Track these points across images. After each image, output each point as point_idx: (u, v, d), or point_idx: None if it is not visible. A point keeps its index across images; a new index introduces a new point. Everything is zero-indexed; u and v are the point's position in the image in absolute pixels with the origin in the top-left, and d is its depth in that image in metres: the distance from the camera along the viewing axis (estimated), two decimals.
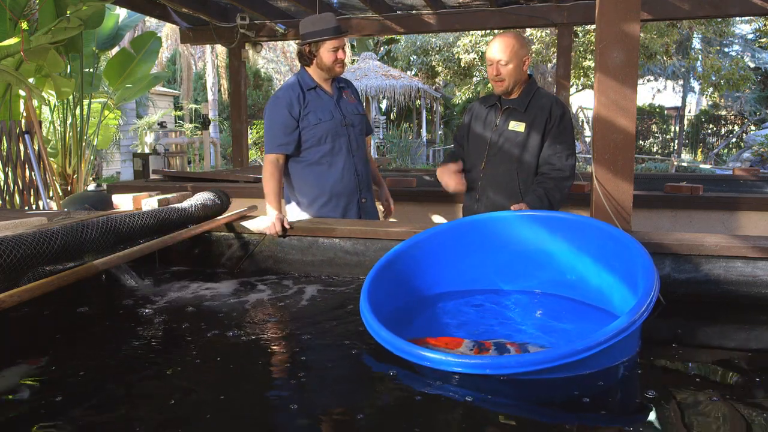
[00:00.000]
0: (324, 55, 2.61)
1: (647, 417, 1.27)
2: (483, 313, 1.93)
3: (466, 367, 1.40)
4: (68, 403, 1.34)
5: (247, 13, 5.93)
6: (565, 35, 5.78)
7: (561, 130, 2.48)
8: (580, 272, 1.97)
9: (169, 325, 1.84)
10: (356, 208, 2.75)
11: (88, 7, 4.83)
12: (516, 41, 2.43)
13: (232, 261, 2.55)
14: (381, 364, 1.53)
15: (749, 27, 19.10)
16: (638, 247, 1.72)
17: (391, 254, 1.99)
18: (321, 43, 2.60)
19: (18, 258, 1.69)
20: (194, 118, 17.19)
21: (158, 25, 16.60)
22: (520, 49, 2.43)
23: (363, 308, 1.67)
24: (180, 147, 9.26)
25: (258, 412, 1.33)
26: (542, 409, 1.38)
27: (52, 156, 6.54)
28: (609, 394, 1.45)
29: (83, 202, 3.56)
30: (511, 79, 2.46)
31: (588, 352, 1.35)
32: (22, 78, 4.80)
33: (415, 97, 16.32)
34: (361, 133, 2.80)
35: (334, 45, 2.60)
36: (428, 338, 1.71)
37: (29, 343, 1.73)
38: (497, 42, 2.45)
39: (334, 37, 2.59)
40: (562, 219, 2.01)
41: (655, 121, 20.41)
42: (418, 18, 5.84)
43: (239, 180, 4.59)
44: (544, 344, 1.67)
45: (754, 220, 3.68)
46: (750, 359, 1.59)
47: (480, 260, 2.10)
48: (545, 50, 13.14)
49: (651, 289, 1.49)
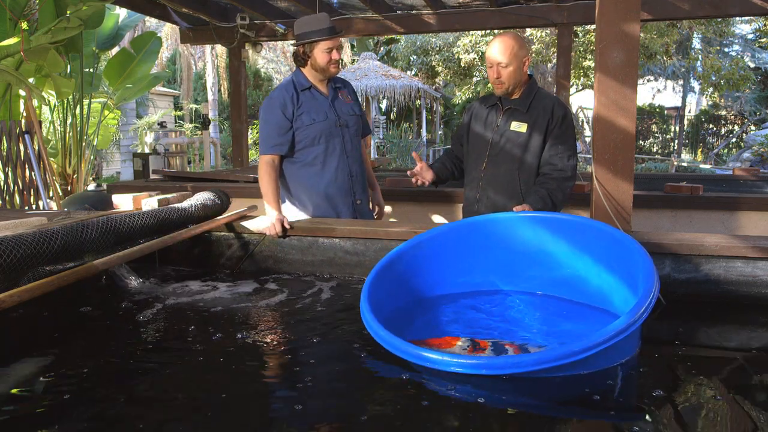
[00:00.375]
0: (318, 56, 2.61)
1: (648, 417, 1.27)
2: (484, 314, 1.93)
3: (464, 368, 1.40)
4: (68, 403, 1.34)
5: (247, 13, 5.93)
6: (565, 35, 5.78)
7: (563, 131, 2.48)
8: (580, 273, 1.97)
9: (169, 325, 1.84)
10: (350, 210, 2.75)
11: (88, 7, 4.83)
12: (515, 42, 2.43)
13: (232, 261, 2.55)
14: (382, 364, 1.53)
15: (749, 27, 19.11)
16: (638, 248, 1.72)
17: (392, 255, 1.99)
18: (315, 43, 2.59)
19: (18, 258, 1.69)
20: (194, 118, 17.18)
21: (158, 25, 16.60)
22: (519, 50, 2.43)
23: (363, 308, 1.67)
24: (180, 147, 9.26)
25: (258, 411, 1.33)
26: (543, 409, 1.38)
27: (52, 156, 6.54)
28: (609, 394, 1.45)
29: (83, 202, 3.56)
30: (511, 81, 2.46)
31: (587, 352, 1.35)
32: (22, 78, 4.80)
33: (415, 97, 16.30)
34: (357, 134, 2.78)
35: (327, 46, 2.59)
36: (428, 339, 1.72)
37: (29, 344, 1.73)
38: (497, 44, 2.44)
39: (328, 38, 2.58)
40: (563, 220, 2.01)
41: (655, 121, 20.40)
42: (418, 18, 5.84)
43: (239, 180, 4.60)
44: (543, 345, 1.67)
45: (754, 220, 3.68)
46: (750, 359, 1.59)
47: (481, 261, 2.10)
48: (545, 50, 13.14)
49: (651, 290, 1.49)
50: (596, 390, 1.44)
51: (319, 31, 2.58)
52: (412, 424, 1.25)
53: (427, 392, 1.39)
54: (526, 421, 1.31)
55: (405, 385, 1.43)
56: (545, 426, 1.30)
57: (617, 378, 1.51)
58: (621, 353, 1.51)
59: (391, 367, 1.49)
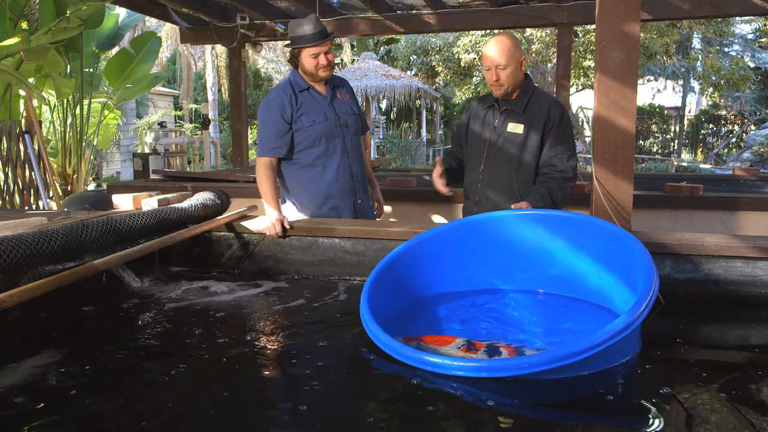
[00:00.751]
0: (305, 61, 2.60)
1: (648, 416, 1.27)
2: (483, 314, 1.93)
3: (464, 371, 1.40)
4: (68, 402, 1.34)
5: (247, 13, 5.93)
6: (565, 35, 5.78)
7: (560, 132, 2.48)
8: (580, 271, 1.97)
9: (169, 326, 1.84)
10: (351, 209, 2.74)
11: (88, 6, 4.83)
12: (512, 43, 2.42)
13: (232, 261, 2.55)
14: (384, 365, 1.53)
15: (749, 27, 19.10)
16: (638, 246, 1.72)
17: (392, 255, 1.99)
18: (301, 49, 2.58)
19: (18, 258, 1.69)
20: (194, 117, 17.19)
21: (158, 24, 16.59)
22: (516, 51, 2.42)
23: (363, 311, 1.68)
24: (180, 147, 9.26)
25: (259, 411, 1.33)
26: (543, 410, 1.38)
27: (52, 156, 6.54)
28: (609, 394, 1.45)
29: (83, 202, 3.56)
30: (510, 82, 2.45)
31: (586, 353, 1.35)
32: (22, 78, 4.80)
33: (415, 97, 16.31)
34: (356, 134, 2.78)
35: (313, 52, 2.57)
36: (423, 337, 1.72)
37: (29, 343, 1.73)
38: (493, 45, 2.43)
39: (312, 45, 2.56)
40: (563, 217, 2.01)
41: (655, 121, 20.40)
42: (418, 18, 5.84)
43: (239, 180, 4.60)
44: (541, 346, 1.67)
45: (754, 220, 3.68)
46: (750, 359, 1.59)
47: (480, 260, 2.10)
48: (545, 50, 13.14)
49: (650, 289, 1.49)
50: (598, 390, 1.44)
51: (301, 38, 2.56)
52: (413, 425, 1.25)
53: (430, 393, 1.39)
54: (528, 421, 1.31)
55: (407, 386, 1.42)
56: (547, 427, 1.30)
57: (618, 378, 1.51)
58: (621, 353, 1.51)
59: (393, 367, 1.49)
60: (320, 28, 2.57)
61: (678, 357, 1.62)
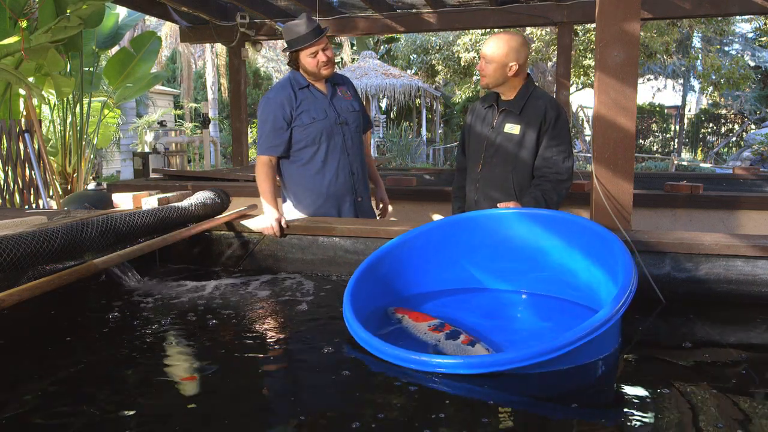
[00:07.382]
0: (305, 62, 2.60)
1: (647, 416, 1.27)
2: (465, 311, 1.94)
3: (444, 368, 1.43)
4: (68, 402, 1.34)
5: (247, 12, 5.93)
6: (565, 34, 5.78)
7: (556, 133, 2.47)
8: (565, 270, 1.98)
9: (169, 324, 1.84)
10: (352, 208, 2.74)
11: (88, 5, 4.82)
12: (507, 45, 2.43)
13: (232, 260, 2.55)
14: (380, 364, 1.53)
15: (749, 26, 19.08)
16: (618, 244, 1.74)
17: (377, 254, 2.01)
18: (299, 51, 2.58)
19: (18, 257, 1.69)
20: (194, 116, 17.17)
21: (158, 24, 16.58)
22: (508, 53, 2.42)
23: (345, 309, 1.71)
24: (180, 146, 9.26)
25: (259, 411, 1.33)
26: (541, 407, 1.38)
27: (52, 155, 6.53)
28: (610, 394, 1.45)
29: (83, 201, 3.55)
30: (491, 78, 2.49)
31: (563, 349, 1.36)
32: (22, 77, 4.79)
33: (415, 96, 16.32)
34: (357, 131, 2.77)
35: (310, 51, 2.56)
36: (410, 313, 1.79)
37: (29, 343, 1.73)
38: (491, 38, 2.49)
39: (308, 45, 2.55)
40: (547, 216, 2.03)
41: (655, 120, 20.39)
42: (418, 17, 5.84)
43: (239, 179, 4.60)
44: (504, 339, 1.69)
45: (754, 219, 3.68)
46: (750, 358, 1.59)
47: (466, 258, 2.11)
48: (545, 48, 13.13)
49: (627, 287, 1.50)
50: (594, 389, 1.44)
51: (296, 40, 2.56)
52: (411, 423, 1.25)
53: (421, 390, 1.39)
54: (521, 416, 1.32)
55: (405, 386, 1.43)
56: (547, 425, 1.30)
57: (616, 376, 1.51)
58: (599, 349, 1.52)
59: (390, 367, 1.49)
60: (313, 26, 2.57)
61: (677, 356, 1.62)
